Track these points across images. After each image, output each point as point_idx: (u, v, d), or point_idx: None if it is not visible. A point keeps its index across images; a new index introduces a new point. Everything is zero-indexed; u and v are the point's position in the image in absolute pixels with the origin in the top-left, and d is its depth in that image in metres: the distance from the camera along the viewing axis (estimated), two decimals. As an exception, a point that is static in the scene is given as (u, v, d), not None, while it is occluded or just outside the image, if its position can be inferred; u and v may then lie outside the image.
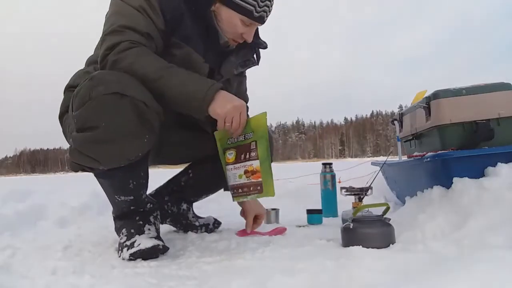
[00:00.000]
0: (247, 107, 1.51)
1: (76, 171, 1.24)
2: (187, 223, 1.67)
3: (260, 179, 1.22)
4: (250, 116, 1.30)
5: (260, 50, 1.53)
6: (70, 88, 1.37)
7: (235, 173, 1.28)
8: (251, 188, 1.24)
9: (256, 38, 1.45)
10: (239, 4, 1.29)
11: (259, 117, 1.26)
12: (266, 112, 1.27)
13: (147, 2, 1.23)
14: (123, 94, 1.08)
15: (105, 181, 1.28)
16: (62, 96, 1.41)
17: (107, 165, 1.17)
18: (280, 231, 1.56)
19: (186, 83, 1.16)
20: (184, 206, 1.69)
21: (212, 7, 1.32)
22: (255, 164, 1.23)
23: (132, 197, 1.30)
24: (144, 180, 1.31)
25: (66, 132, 1.34)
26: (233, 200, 1.33)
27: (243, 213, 1.58)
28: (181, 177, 1.68)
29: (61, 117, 1.38)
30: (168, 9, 1.25)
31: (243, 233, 1.54)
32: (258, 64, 1.55)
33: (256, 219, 1.57)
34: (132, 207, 1.33)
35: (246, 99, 1.63)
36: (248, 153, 1.25)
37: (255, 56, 1.53)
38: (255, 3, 1.29)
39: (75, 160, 1.18)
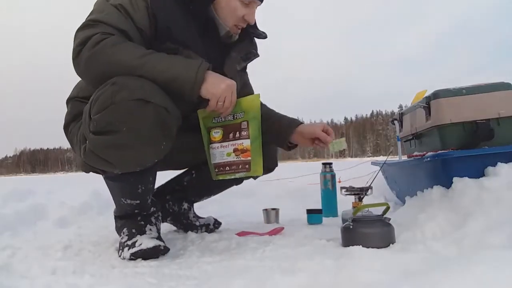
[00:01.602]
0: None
1: (87, 172, 1.24)
2: (187, 223, 1.67)
3: (249, 158, 1.24)
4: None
5: (257, 42, 1.50)
6: (75, 99, 1.36)
7: (222, 151, 1.28)
8: (240, 166, 1.26)
9: (254, 28, 1.43)
10: None
11: (252, 98, 1.29)
12: (259, 93, 1.30)
13: (130, 1, 1.19)
14: (147, 101, 1.07)
15: (114, 184, 1.28)
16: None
17: (122, 169, 1.16)
18: (278, 231, 1.56)
19: (173, 67, 1.13)
20: (185, 205, 1.69)
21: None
22: (246, 143, 1.25)
23: (138, 201, 1.30)
24: (151, 185, 1.32)
25: (74, 141, 1.30)
26: (215, 178, 1.33)
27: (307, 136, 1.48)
28: (184, 177, 1.68)
29: (67, 127, 1.37)
30: (159, 10, 1.21)
31: (243, 233, 1.54)
32: (259, 56, 1.53)
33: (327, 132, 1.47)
34: (136, 210, 1.33)
35: (252, 92, 1.62)
36: (238, 132, 1.26)
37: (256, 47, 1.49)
38: None
39: (89, 161, 1.16)
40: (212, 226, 1.67)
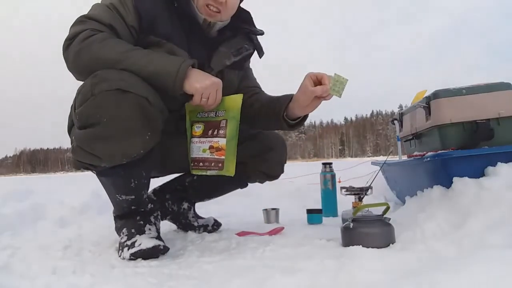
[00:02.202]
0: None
1: (79, 169, 1.24)
2: (186, 223, 1.67)
3: (222, 157, 1.25)
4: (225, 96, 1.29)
5: (259, 41, 1.48)
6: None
7: (199, 146, 1.30)
8: (212, 164, 1.26)
9: (250, 25, 1.42)
10: None
11: (235, 98, 1.29)
12: (242, 94, 1.29)
13: (119, 0, 1.22)
14: (126, 90, 1.08)
15: (106, 180, 1.28)
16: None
17: (108, 162, 1.16)
18: (278, 230, 1.56)
19: (156, 62, 1.14)
20: (185, 205, 1.69)
21: None
22: (221, 141, 1.25)
23: (133, 197, 1.30)
24: (145, 180, 1.31)
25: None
26: (191, 172, 1.34)
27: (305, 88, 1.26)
28: (186, 178, 1.67)
29: (70, 130, 1.35)
30: (143, 6, 1.23)
31: (243, 233, 1.54)
32: (261, 54, 1.49)
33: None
34: (133, 207, 1.33)
35: (259, 85, 1.60)
36: (216, 130, 1.27)
37: (252, 45, 1.46)
38: None
39: (77, 157, 1.18)
40: (211, 227, 1.67)
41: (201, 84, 1.16)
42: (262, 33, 1.47)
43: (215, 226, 1.68)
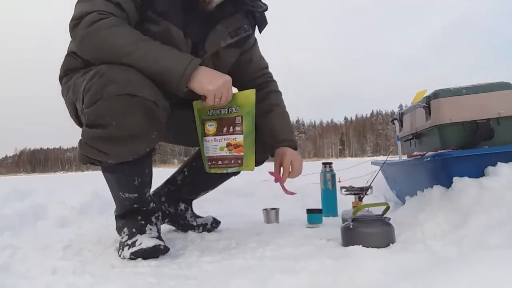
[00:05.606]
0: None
1: (85, 163, 1.25)
2: (185, 223, 1.67)
3: (241, 153, 1.25)
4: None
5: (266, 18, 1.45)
6: (71, 53, 1.33)
7: (215, 145, 1.29)
8: (232, 161, 1.27)
9: (251, 0, 1.39)
10: None
11: (247, 93, 1.28)
12: (254, 89, 1.28)
13: None
14: (134, 95, 1.08)
15: (111, 176, 1.29)
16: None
17: (115, 159, 1.18)
18: (290, 193, 1.51)
19: (163, 59, 1.13)
20: (182, 206, 1.69)
21: None
22: (239, 138, 1.25)
23: (136, 195, 1.30)
24: (148, 178, 1.32)
25: (66, 95, 1.33)
26: (208, 171, 1.34)
27: (278, 161, 1.47)
28: (177, 176, 1.69)
29: (61, 78, 1.37)
30: None
31: (272, 173, 1.48)
32: (261, 28, 1.45)
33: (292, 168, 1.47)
34: (135, 205, 1.33)
35: (266, 65, 1.59)
36: (232, 127, 1.26)
37: (250, 25, 1.42)
38: None
39: (85, 153, 1.19)
40: (210, 226, 1.66)
41: (213, 85, 1.16)
42: (265, 9, 1.43)
43: (214, 224, 1.68)
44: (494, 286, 0.69)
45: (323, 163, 2.15)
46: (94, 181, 1.32)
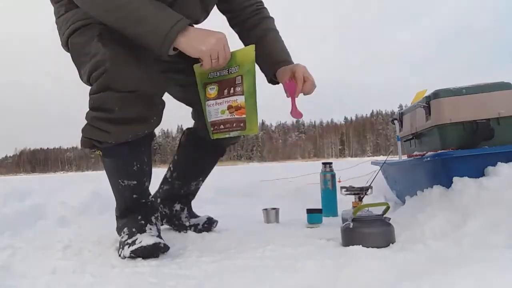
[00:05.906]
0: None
1: (86, 147, 1.27)
2: (179, 223, 1.68)
3: (244, 116, 1.19)
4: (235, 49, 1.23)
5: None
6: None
7: (217, 109, 1.24)
8: (234, 125, 1.21)
9: None
10: None
11: (246, 50, 1.21)
12: (253, 45, 1.21)
13: None
14: (136, 91, 1.14)
15: (111, 162, 1.30)
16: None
17: (116, 138, 1.21)
18: (298, 114, 1.39)
19: (148, 20, 1.10)
20: (177, 207, 1.69)
21: None
22: (240, 99, 1.19)
23: (135, 182, 1.31)
24: (147, 167, 1.33)
25: (79, 56, 1.28)
26: (212, 137, 1.29)
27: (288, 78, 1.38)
28: (167, 174, 1.71)
29: (66, 44, 1.32)
30: None
31: (288, 86, 1.38)
32: None
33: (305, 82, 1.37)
34: (134, 195, 1.33)
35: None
36: (232, 88, 1.20)
37: None
38: None
39: (87, 135, 1.23)
40: (201, 226, 1.63)
41: (206, 45, 1.12)
42: None
43: (206, 225, 1.63)
44: (494, 286, 0.69)
45: (323, 163, 2.15)
46: (94, 181, 1.32)
